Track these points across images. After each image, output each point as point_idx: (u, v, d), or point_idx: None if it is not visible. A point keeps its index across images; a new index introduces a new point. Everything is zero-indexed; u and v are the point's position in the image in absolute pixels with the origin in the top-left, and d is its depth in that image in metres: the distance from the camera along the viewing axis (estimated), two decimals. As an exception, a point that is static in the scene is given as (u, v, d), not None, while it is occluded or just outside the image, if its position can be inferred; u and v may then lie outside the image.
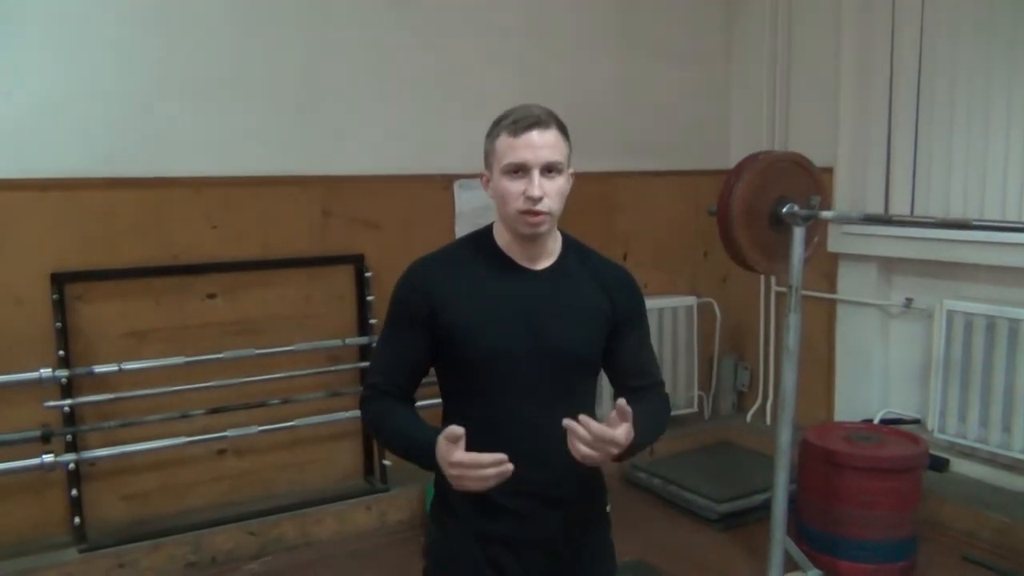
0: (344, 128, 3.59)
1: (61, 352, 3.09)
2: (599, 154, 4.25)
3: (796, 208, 2.80)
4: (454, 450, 1.47)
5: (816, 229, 2.99)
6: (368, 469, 3.76)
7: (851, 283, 4.09)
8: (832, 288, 4.16)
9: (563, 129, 1.63)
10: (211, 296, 3.41)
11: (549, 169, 1.59)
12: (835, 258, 4.11)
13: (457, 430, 1.47)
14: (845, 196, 3.99)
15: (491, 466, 1.44)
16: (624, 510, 3.86)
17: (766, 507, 3.08)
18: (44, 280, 3.09)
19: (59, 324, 3.10)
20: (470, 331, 1.62)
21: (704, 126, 4.58)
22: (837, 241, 4.02)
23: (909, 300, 3.89)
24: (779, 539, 2.98)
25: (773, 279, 4.42)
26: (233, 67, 3.37)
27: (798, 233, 2.80)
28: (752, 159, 2.85)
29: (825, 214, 2.80)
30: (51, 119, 3.07)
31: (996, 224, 3.22)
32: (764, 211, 2.86)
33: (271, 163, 3.46)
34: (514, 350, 1.61)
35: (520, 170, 1.58)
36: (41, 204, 3.09)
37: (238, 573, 3.27)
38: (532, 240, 1.64)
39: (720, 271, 4.62)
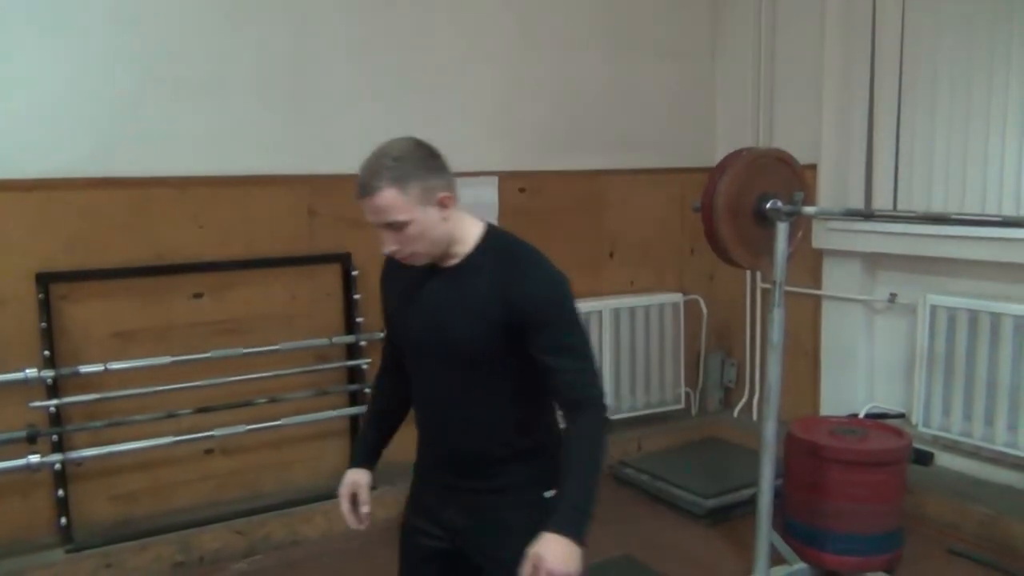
0: (330, 127, 3.58)
1: (46, 352, 3.08)
2: (586, 152, 4.28)
3: (779, 204, 2.82)
4: (345, 499, 1.94)
5: (800, 225, 3.01)
6: (356, 468, 3.76)
7: (836, 279, 4.12)
8: (817, 284, 4.19)
9: (404, 178, 1.62)
10: (197, 296, 3.41)
11: (391, 227, 1.66)
12: (820, 254, 4.14)
13: (357, 481, 1.95)
14: (829, 192, 4.01)
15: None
16: (611, 506, 3.87)
17: (753, 502, 3.10)
18: (29, 280, 3.08)
19: (44, 324, 3.09)
20: (394, 321, 1.88)
21: (690, 124, 4.59)
22: (822, 237, 4.05)
23: (893, 295, 3.92)
24: (765, 533, 3.00)
25: (759, 276, 4.44)
26: (218, 66, 3.36)
27: (782, 228, 2.82)
28: (735, 155, 2.87)
29: (807, 209, 2.82)
30: (35, 119, 3.06)
31: (974, 218, 3.24)
32: (748, 207, 2.88)
33: (257, 162, 3.45)
34: (421, 341, 1.79)
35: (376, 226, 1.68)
36: (25, 204, 3.07)
37: (226, 573, 3.27)
38: None
39: (707, 268, 4.65)
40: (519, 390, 1.76)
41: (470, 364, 1.74)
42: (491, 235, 1.77)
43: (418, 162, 1.65)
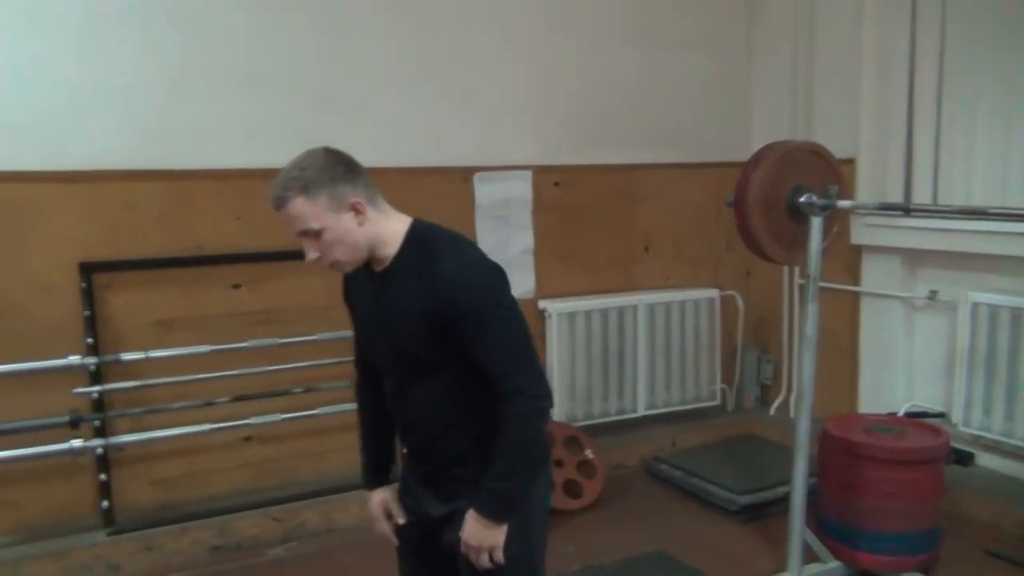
0: (363, 121, 3.62)
1: (90, 340, 3.17)
2: (620, 146, 4.27)
3: (813, 197, 2.79)
4: (380, 517, 1.98)
5: (835, 219, 2.97)
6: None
7: (875, 276, 4.05)
8: (855, 281, 4.13)
9: (312, 187, 1.66)
10: (236, 286, 3.47)
11: (307, 234, 1.69)
12: (859, 250, 4.08)
13: (385, 499, 1.98)
14: (867, 187, 3.95)
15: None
16: (645, 502, 3.88)
17: (788, 500, 3.07)
18: (73, 269, 3.17)
19: (87, 312, 3.17)
20: (354, 320, 1.93)
21: (726, 118, 4.56)
22: (860, 233, 4.00)
23: (933, 292, 3.85)
24: (798, 529, 2.97)
25: (797, 272, 4.39)
26: (254, 61, 3.42)
27: (816, 222, 2.79)
28: (768, 149, 2.84)
29: (842, 203, 2.78)
30: (78, 112, 3.15)
31: (1014, 212, 3.16)
32: (782, 201, 2.85)
33: (292, 155, 3.48)
34: (371, 342, 1.87)
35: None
36: (69, 196, 3.16)
37: (263, 558, 3.33)
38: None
39: (743, 264, 4.61)
40: (470, 383, 1.73)
41: (417, 365, 1.76)
42: (413, 233, 1.76)
43: (324, 171, 1.67)
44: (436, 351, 1.71)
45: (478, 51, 3.87)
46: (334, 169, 1.68)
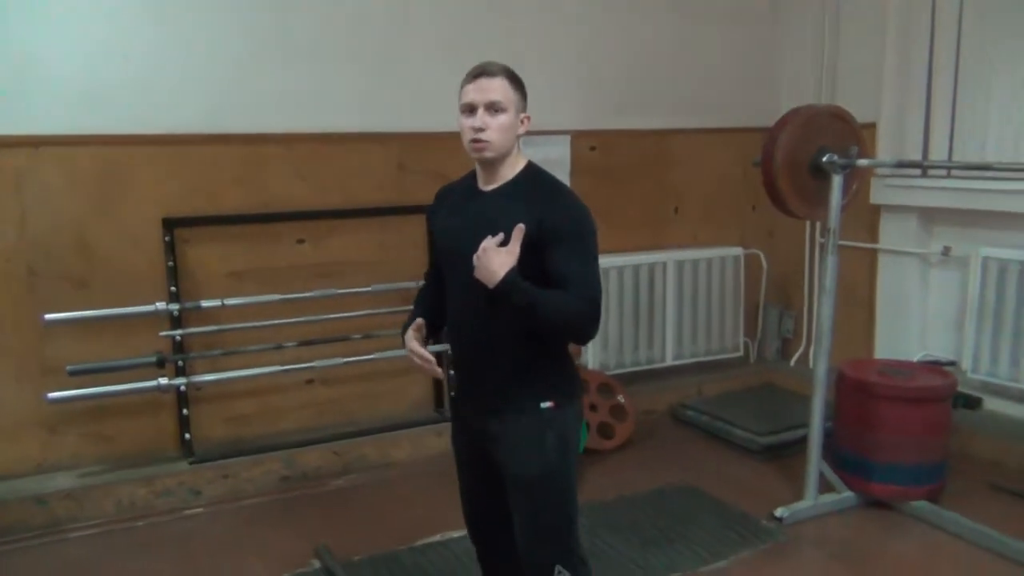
0: (419, 89, 3.88)
1: (172, 288, 3.50)
2: (652, 112, 4.51)
3: (835, 157, 3.05)
4: (412, 339, 2.05)
5: (854, 178, 3.24)
6: (438, 402, 4.12)
7: (892, 233, 4.30)
8: (874, 239, 4.37)
9: (514, 80, 2.00)
10: (300, 241, 3.78)
11: (492, 107, 1.96)
12: (877, 210, 4.32)
13: (419, 322, 2.08)
14: (887, 150, 4.17)
15: (425, 362, 2.01)
16: (673, 443, 4.18)
17: (805, 441, 3.35)
18: (157, 224, 3.49)
19: (170, 263, 3.50)
20: (437, 235, 2.17)
21: (754, 85, 4.79)
22: (879, 193, 4.23)
23: (947, 248, 4.09)
24: (815, 461, 3.27)
25: (818, 232, 4.63)
26: (320, 33, 3.70)
27: (837, 180, 3.06)
28: (794, 113, 3.11)
29: (861, 162, 3.05)
30: (163, 81, 3.44)
31: (1018, 167, 3.39)
32: (805, 161, 3.12)
33: (354, 121, 3.80)
34: (458, 253, 2.01)
35: (470, 109, 1.98)
36: (155, 157, 3.48)
37: (326, 487, 3.66)
38: (485, 166, 2.04)
39: (767, 225, 4.87)
40: None
41: None
42: (532, 168, 2.05)
43: (522, 84, 2.04)
44: (523, 267, 1.92)
45: (522, 21, 4.11)
46: (524, 89, 2.04)
